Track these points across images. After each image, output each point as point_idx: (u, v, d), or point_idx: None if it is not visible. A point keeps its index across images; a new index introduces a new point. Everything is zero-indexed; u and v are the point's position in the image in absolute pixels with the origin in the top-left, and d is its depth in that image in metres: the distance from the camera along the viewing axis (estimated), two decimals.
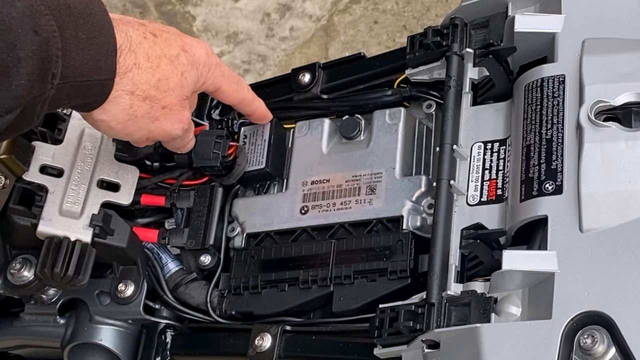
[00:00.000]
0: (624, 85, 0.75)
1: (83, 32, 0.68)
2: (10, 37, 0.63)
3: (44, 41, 0.65)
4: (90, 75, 0.69)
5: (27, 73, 0.64)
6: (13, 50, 0.63)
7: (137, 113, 0.77)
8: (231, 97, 0.88)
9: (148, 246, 0.93)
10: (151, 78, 0.76)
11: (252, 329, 0.87)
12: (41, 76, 0.65)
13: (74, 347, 0.93)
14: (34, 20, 0.64)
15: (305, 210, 0.90)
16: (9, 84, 0.63)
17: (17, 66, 0.63)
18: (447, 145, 0.82)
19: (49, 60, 0.65)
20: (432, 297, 0.75)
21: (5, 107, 0.63)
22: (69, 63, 0.67)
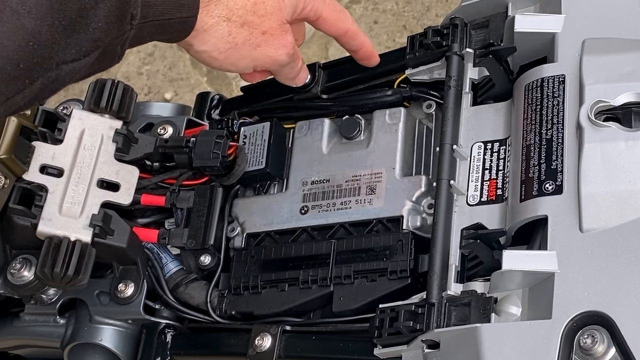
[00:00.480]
0: (624, 85, 0.75)
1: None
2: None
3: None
4: (172, 12, 0.67)
5: (104, 15, 0.61)
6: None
7: (237, 40, 0.75)
8: (334, 27, 0.84)
9: (148, 246, 0.93)
10: (247, 2, 0.74)
11: (252, 329, 0.87)
12: (119, 18, 0.63)
13: (74, 347, 0.93)
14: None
15: (305, 210, 0.90)
16: (87, 27, 0.61)
17: (95, 8, 0.61)
18: (447, 145, 0.82)
19: (128, 1, 0.63)
20: (432, 297, 0.75)
21: (84, 50, 0.61)
22: (150, 2, 0.65)
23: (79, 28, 0.60)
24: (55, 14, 0.58)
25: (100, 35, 0.62)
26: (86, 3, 0.60)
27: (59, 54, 0.59)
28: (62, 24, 0.58)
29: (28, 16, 0.57)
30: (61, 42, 0.59)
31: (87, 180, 0.88)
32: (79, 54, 0.61)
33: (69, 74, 0.61)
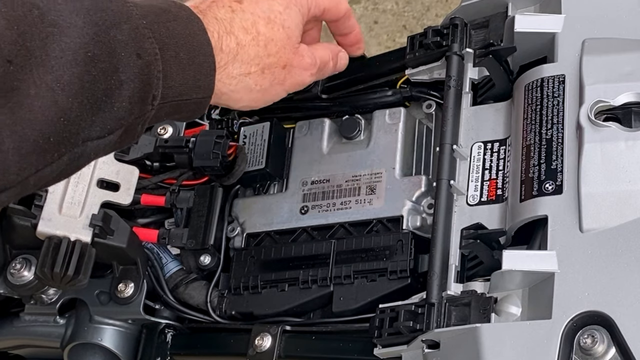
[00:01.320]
0: (624, 85, 0.75)
1: (184, 52, 0.68)
2: (114, 61, 0.63)
3: (146, 64, 0.65)
4: (189, 94, 0.70)
5: (128, 96, 0.64)
6: (116, 73, 0.63)
7: (264, 86, 0.78)
8: (335, 14, 0.85)
9: (148, 246, 0.93)
10: (258, 50, 0.76)
11: (252, 329, 0.87)
12: (142, 98, 0.65)
13: (74, 347, 0.93)
14: (138, 44, 0.65)
15: (305, 210, 0.90)
16: (112, 106, 0.63)
17: (120, 89, 0.64)
18: (447, 145, 0.82)
19: (150, 83, 0.66)
20: (432, 297, 0.75)
21: (108, 128, 0.64)
22: (170, 84, 0.67)
23: (105, 107, 0.63)
24: (85, 92, 0.61)
25: (123, 114, 0.65)
26: (112, 84, 0.63)
27: (85, 131, 0.62)
28: (90, 102, 0.62)
29: (62, 93, 0.60)
30: (88, 119, 0.62)
31: (87, 180, 0.88)
32: (104, 131, 0.64)
33: (94, 150, 0.64)
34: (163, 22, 0.68)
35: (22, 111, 0.58)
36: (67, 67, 0.60)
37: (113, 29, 0.64)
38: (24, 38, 0.59)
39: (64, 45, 0.60)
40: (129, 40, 0.64)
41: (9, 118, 0.57)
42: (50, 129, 0.60)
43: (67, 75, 0.60)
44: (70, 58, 0.60)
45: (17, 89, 0.58)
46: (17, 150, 0.58)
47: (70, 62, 0.60)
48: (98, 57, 0.62)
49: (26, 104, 0.58)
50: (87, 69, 0.61)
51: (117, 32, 0.64)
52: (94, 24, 0.63)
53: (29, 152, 0.59)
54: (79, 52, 0.61)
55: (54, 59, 0.60)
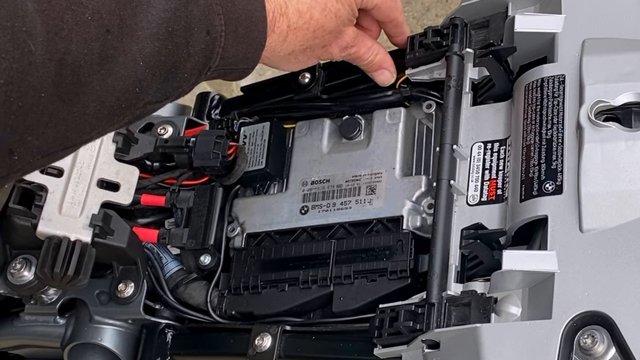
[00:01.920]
0: (624, 85, 0.75)
1: (242, 27, 0.71)
2: (187, 35, 0.65)
3: (212, 40, 0.68)
4: (237, 64, 0.73)
5: (191, 68, 0.67)
6: (186, 47, 0.66)
7: (301, 60, 0.84)
8: (386, 14, 0.88)
9: (148, 246, 0.93)
10: (306, 33, 0.80)
11: (252, 329, 0.87)
12: (200, 70, 0.68)
13: (74, 347, 0.93)
14: (210, 20, 0.67)
15: (305, 210, 0.90)
16: (176, 76, 0.66)
17: (186, 61, 0.66)
18: (447, 145, 0.82)
19: (211, 57, 0.68)
20: (432, 297, 0.75)
21: (167, 94, 0.66)
22: (224, 55, 0.70)
23: (170, 77, 0.66)
24: (160, 64, 0.64)
25: (182, 83, 0.67)
26: (181, 57, 0.66)
27: (150, 96, 0.65)
28: (160, 73, 0.64)
29: (142, 64, 0.62)
30: (155, 87, 0.65)
31: (87, 180, 0.88)
32: (163, 97, 0.67)
33: (149, 111, 0.67)
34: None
35: (110, 78, 0.60)
36: (149, 39, 0.62)
37: (191, 4, 0.66)
38: (119, 7, 0.61)
39: (150, 17, 0.63)
40: (202, 16, 0.66)
41: (98, 84, 0.59)
42: (125, 96, 0.62)
43: (149, 47, 0.62)
44: (154, 31, 0.63)
45: (111, 57, 0.60)
46: (96, 113, 0.60)
47: (153, 34, 0.63)
48: (176, 32, 0.64)
49: (114, 72, 0.60)
50: (165, 43, 0.64)
51: (194, 7, 0.66)
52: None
53: (103, 116, 0.61)
54: (161, 25, 0.63)
55: (140, 29, 0.62)
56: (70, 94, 0.57)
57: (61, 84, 0.57)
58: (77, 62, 0.57)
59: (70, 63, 0.57)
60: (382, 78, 0.91)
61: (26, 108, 0.55)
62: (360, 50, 0.88)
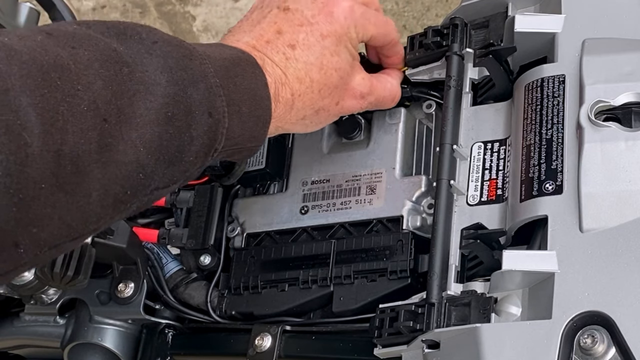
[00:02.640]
0: (624, 85, 0.75)
1: (246, 106, 0.70)
2: (189, 119, 0.65)
3: (215, 122, 0.67)
4: (244, 143, 0.72)
5: (196, 151, 0.66)
6: (189, 130, 0.65)
7: (316, 122, 0.81)
8: (381, 41, 0.86)
9: (148, 246, 0.93)
10: (312, 96, 0.78)
11: (252, 329, 0.87)
12: (206, 152, 0.68)
13: (74, 347, 0.93)
14: (211, 103, 0.67)
15: (305, 210, 0.90)
16: (181, 160, 0.66)
17: (190, 145, 0.66)
18: (447, 145, 0.82)
19: (215, 139, 0.68)
20: (432, 297, 0.75)
21: (175, 179, 0.66)
22: (230, 136, 0.70)
23: (176, 161, 0.66)
24: (162, 149, 0.64)
25: (189, 167, 0.67)
26: (184, 141, 0.65)
27: (156, 182, 0.65)
28: (164, 158, 0.64)
29: (143, 150, 0.62)
30: (161, 172, 0.65)
31: None
32: (171, 182, 0.66)
33: (158, 196, 0.67)
34: (232, 77, 0.70)
35: (111, 167, 0.60)
36: (149, 125, 0.62)
37: (190, 88, 0.66)
38: (116, 97, 0.61)
39: (149, 104, 0.63)
40: (203, 100, 0.66)
41: (100, 172, 0.59)
42: (129, 183, 0.62)
43: (149, 133, 0.62)
44: (153, 117, 0.63)
45: (110, 145, 0.60)
46: (100, 202, 0.60)
47: (152, 120, 0.63)
48: (176, 116, 0.64)
49: (114, 159, 0.60)
50: (166, 128, 0.64)
51: (194, 91, 0.66)
52: (174, 82, 0.65)
53: (109, 204, 0.61)
54: (160, 111, 0.63)
55: (139, 116, 0.62)
56: (71, 184, 0.58)
57: (60, 174, 0.57)
58: (75, 152, 0.58)
59: (67, 153, 0.57)
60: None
61: (28, 200, 0.55)
62: (380, 95, 0.85)
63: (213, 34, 1.86)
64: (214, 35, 1.86)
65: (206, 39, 1.86)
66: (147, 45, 0.65)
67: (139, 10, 1.92)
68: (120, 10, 1.93)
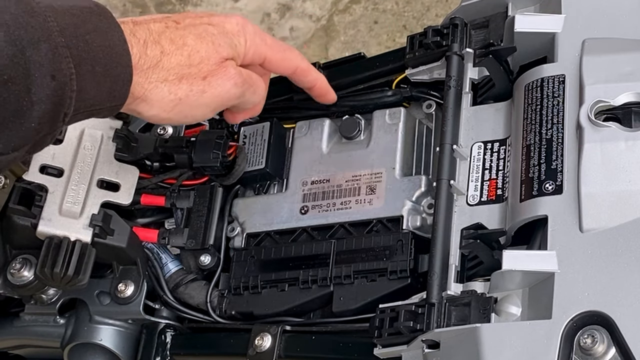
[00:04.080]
0: (624, 85, 0.75)
1: (100, 65, 0.67)
2: (27, 82, 0.62)
3: (60, 86, 0.64)
4: (102, 103, 0.69)
5: (38, 116, 0.63)
6: (28, 94, 0.62)
7: (179, 95, 0.74)
8: (282, 67, 0.83)
9: (148, 246, 0.93)
10: (180, 58, 0.74)
11: (252, 329, 0.87)
12: (53, 117, 0.65)
13: (74, 347, 0.93)
14: (55, 65, 0.63)
15: (305, 210, 0.90)
16: (20, 126, 0.63)
17: (30, 110, 0.62)
18: (447, 145, 0.82)
19: (62, 103, 0.65)
20: (432, 297, 0.75)
21: (12, 145, 0.63)
22: (84, 97, 0.66)
23: (12, 127, 0.62)
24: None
25: (31, 133, 0.64)
26: (22, 105, 0.61)
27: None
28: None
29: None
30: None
31: (87, 180, 0.88)
32: (7, 149, 0.63)
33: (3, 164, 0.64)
34: (82, 34, 0.65)
35: None
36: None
37: (30, 49, 0.62)
38: None
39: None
40: (44, 62, 0.62)
41: None
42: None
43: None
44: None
45: None
46: None
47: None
48: (13, 79, 0.61)
49: None
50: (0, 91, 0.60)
51: (33, 52, 0.62)
52: (12, 42, 0.61)
53: None
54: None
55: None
56: None
57: None
58: None
59: None
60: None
61: None
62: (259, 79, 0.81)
63: None
64: None
65: None
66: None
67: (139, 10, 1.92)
68: (120, 10, 1.93)
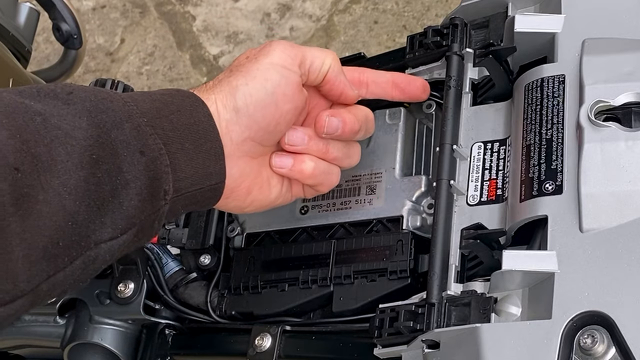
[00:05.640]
0: (624, 85, 0.75)
1: (189, 142, 0.68)
2: (117, 161, 0.63)
3: (151, 161, 0.65)
4: (202, 182, 0.69)
5: (136, 193, 0.64)
6: (120, 173, 0.63)
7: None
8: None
9: (148, 246, 0.93)
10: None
11: (252, 329, 0.87)
12: (152, 194, 0.65)
13: (73, 347, 0.93)
14: (141, 142, 0.65)
15: (305, 210, 0.90)
16: (120, 206, 0.63)
17: (126, 188, 0.63)
18: (447, 145, 0.82)
19: (159, 178, 0.66)
20: (432, 297, 0.75)
21: (119, 228, 0.64)
22: (180, 176, 0.67)
23: (113, 207, 0.62)
24: (92, 194, 0.61)
25: (134, 212, 0.64)
26: (117, 184, 0.63)
27: (96, 233, 0.62)
28: (96, 204, 0.61)
29: (69, 197, 0.59)
30: (97, 221, 0.61)
31: None
32: (116, 232, 0.63)
33: (108, 252, 0.64)
34: (165, 115, 0.68)
35: (31, 218, 0.57)
36: (73, 170, 0.60)
37: (114, 130, 0.64)
38: (28, 145, 0.58)
39: (69, 149, 0.60)
40: (130, 140, 0.64)
41: (19, 226, 0.56)
42: (58, 233, 0.59)
43: (73, 179, 0.60)
44: (76, 161, 0.60)
45: (27, 196, 0.57)
46: (27, 257, 0.57)
47: (76, 165, 0.60)
48: (102, 158, 0.62)
49: (35, 210, 0.57)
50: (92, 171, 0.61)
51: (118, 132, 0.64)
52: (96, 125, 0.63)
53: (38, 259, 0.58)
54: (84, 154, 0.61)
55: (60, 162, 0.59)
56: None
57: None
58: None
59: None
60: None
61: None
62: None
63: (213, 34, 1.86)
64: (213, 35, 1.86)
65: (206, 38, 1.86)
66: (62, 98, 0.63)
67: (139, 10, 1.92)
68: (120, 10, 1.93)
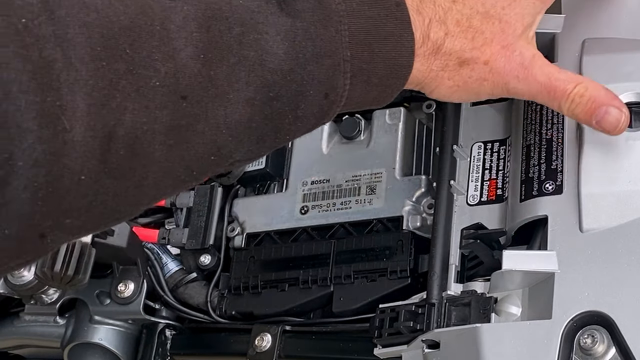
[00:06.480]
0: (624, 85, 0.75)
1: (377, 77, 0.60)
2: (298, 100, 0.56)
3: (329, 104, 0.58)
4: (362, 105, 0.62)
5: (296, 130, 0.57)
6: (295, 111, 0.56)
7: (458, 82, 0.67)
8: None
9: (148, 246, 0.93)
10: (464, 42, 0.66)
11: (252, 329, 0.87)
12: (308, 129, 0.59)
13: (74, 347, 0.93)
14: (331, 82, 0.57)
15: (305, 210, 0.90)
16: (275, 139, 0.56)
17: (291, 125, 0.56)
18: (447, 145, 0.82)
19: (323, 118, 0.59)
20: (432, 297, 0.75)
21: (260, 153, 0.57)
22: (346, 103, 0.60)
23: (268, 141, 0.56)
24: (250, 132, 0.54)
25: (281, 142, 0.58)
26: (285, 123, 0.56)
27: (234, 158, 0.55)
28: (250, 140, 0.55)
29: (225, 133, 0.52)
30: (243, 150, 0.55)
31: None
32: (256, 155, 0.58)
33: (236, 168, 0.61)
34: (369, 43, 0.59)
35: (178, 149, 0.51)
36: (241, 104, 0.52)
37: (312, 64, 0.55)
38: (209, 66, 0.50)
39: (251, 78, 0.52)
40: (323, 79, 0.56)
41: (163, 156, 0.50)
42: (197, 165, 0.53)
43: (237, 113, 0.52)
44: (251, 95, 0.53)
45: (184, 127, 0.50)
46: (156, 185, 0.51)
47: (249, 99, 0.53)
48: (280, 97, 0.54)
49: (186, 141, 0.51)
50: (262, 108, 0.54)
51: (315, 67, 0.56)
52: (294, 56, 0.54)
53: (167, 185, 0.52)
54: (263, 89, 0.53)
55: (234, 91, 0.52)
56: (122, 168, 0.48)
57: (110, 160, 0.47)
58: (133, 134, 0.48)
59: (122, 136, 0.47)
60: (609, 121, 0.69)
61: (61, 192, 0.46)
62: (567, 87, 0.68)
63: None
64: None
65: None
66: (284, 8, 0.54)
67: None
68: None
